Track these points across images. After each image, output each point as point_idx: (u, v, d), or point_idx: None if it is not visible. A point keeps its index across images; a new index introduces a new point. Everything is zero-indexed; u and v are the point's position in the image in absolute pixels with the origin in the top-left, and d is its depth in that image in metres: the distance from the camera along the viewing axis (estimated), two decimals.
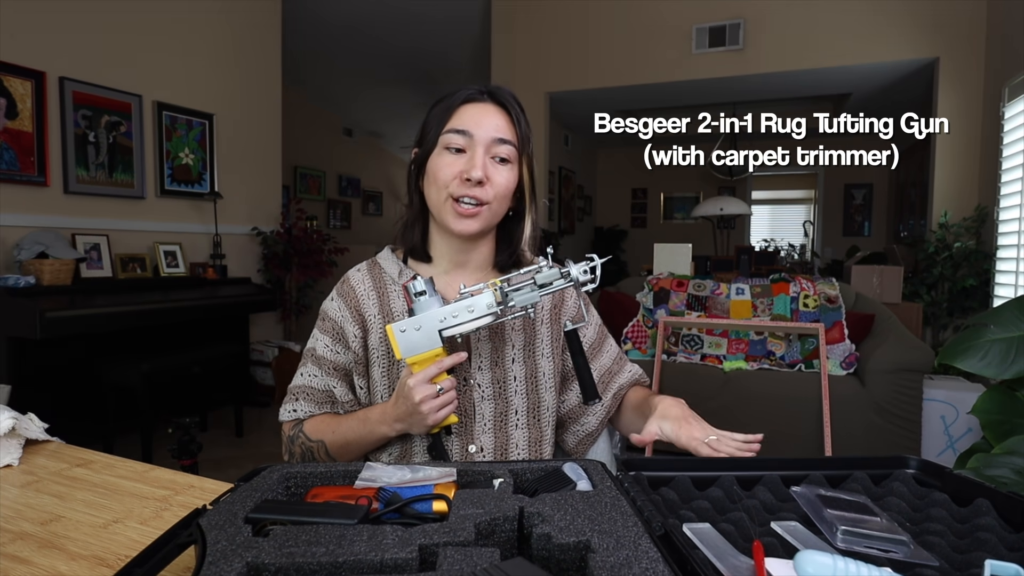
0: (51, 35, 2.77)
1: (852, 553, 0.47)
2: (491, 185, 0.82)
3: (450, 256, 0.89)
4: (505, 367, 0.87)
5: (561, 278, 0.75)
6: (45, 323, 2.33)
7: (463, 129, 0.82)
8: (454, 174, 0.81)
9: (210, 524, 0.47)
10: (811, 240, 7.16)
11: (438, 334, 0.76)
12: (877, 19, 3.96)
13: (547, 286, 0.75)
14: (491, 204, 0.83)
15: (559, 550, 0.45)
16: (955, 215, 3.66)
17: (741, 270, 4.47)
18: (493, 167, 0.83)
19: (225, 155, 3.66)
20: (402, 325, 0.76)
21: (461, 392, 0.85)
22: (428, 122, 0.86)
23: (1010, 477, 1.54)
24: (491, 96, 0.86)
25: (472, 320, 0.75)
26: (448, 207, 0.82)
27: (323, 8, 4.63)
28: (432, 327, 0.75)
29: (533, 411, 0.88)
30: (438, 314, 0.75)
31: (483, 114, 0.83)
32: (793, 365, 2.76)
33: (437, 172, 0.83)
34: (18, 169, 2.66)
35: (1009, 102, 3.10)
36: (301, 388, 0.90)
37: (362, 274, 0.92)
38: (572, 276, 0.74)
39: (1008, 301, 1.87)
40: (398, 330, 0.76)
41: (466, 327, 0.75)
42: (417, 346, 0.76)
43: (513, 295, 0.75)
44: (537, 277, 0.75)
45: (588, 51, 4.72)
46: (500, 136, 0.83)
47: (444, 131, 0.83)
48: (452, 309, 0.75)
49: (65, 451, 0.85)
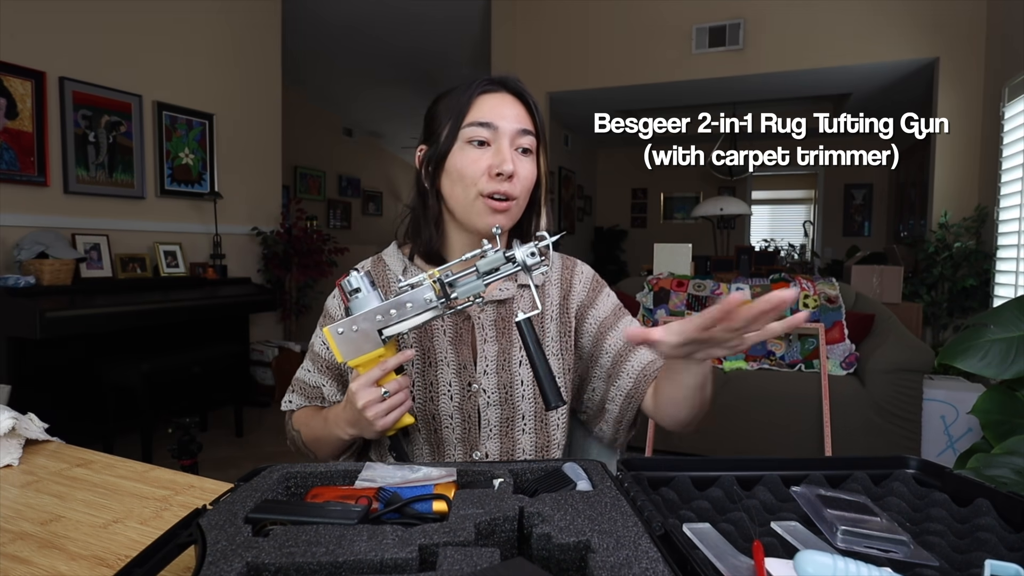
0: (51, 35, 2.77)
1: (852, 553, 0.47)
2: (518, 178, 0.79)
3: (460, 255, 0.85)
4: (512, 370, 0.83)
5: (507, 262, 0.67)
6: (45, 323, 2.33)
7: (487, 121, 0.78)
8: (482, 169, 0.78)
9: (210, 524, 0.47)
10: (811, 240, 7.16)
11: (378, 333, 0.70)
12: (877, 19, 3.96)
13: (492, 272, 0.68)
14: (519, 199, 0.80)
15: (559, 550, 0.45)
16: (955, 215, 3.66)
17: (741, 270, 4.46)
18: (518, 159, 0.79)
19: (225, 155, 3.66)
20: (339, 326, 0.70)
21: (466, 398, 0.81)
22: (437, 117, 0.82)
23: (1010, 477, 1.54)
24: (505, 86, 0.83)
25: (412, 316, 0.70)
26: (480, 205, 0.78)
27: (323, 8, 4.63)
28: (370, 326, 0.70)
29: (541, 416, 0.84)
30: (374, 312, 0.70)
31: (503, 105, 0.80)
32: (793, 365, 2.76)
33: (464, 169, 0.78)
34: (18, 169, 2.66)
35: (1009, 102, 3.10)
36: (297, 381, 0.91)
37: (364, 271, 0.90)
38: (518, 260, 0.66)
39: (1008, 301, 1.87)
40: (335, 332, 0.70)
41: (406, 324, 0.70)
42: (358, 348, 0.70)
43: (456, 286, 0.69)
44: (479, 264, 0.68)
45: (588, 51, 4.72)
46: (523, 127, 0.80)
47: (465, 124, 0.79)
48: (389, 305, 0.69)
49: (65, 451, 0.85)
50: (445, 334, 0.83)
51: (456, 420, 0.82)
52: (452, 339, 0.83)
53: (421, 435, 0.83)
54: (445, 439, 0.82)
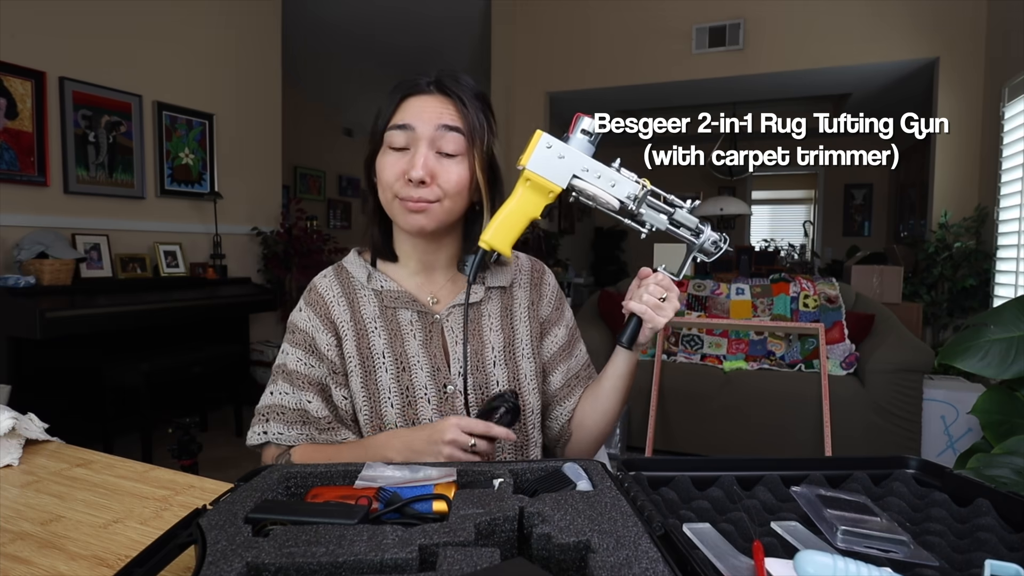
0: (51, 35, 2.77)
1: (852, 553, 0.47)
2: (439, 183, 0.76)
3: (416, 256, 0.85)
4: (486, 371, 0.83)
5: (691, 232, 0.73)
6: (45, 323, 2.33)
7: (404, 123, 0.77)
8: (396, 174, 0.77)
9: (210, 524, 0.46)
10: (811, 240, 7.16)
11: (569, 175, 0.71)
12: (877, 19, 3.96)
13: (676, 226, 0.72)
14: (442, 202, 0.77)
15: (559, 550, 0.45)
16: (955, 215, 3.66)
17: (741, 270, 4.47)
18: (439, 163, 0.77)
19: (225, 155, 3.66)
20: (552, 141, 0.71)
21: (443, 401, 0.81)
22: (377, 117, 0.82)
23: (1010, 477, 1.54)
24: (438, 86, 0.79)
25: (602, 191, 0.71)
26: (396, 206, 0.78)
27: (323, 8, 4.63)
28: (571, 166, 0.71)
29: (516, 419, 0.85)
30: (584, 160, 0.71)
31: (425, 105, 0.78)
32: (793, 365, 2.76)
33: (381, 172, 0.79)
34: (18, 169, 2.66)
35: (1009, 102, 3.10)
36: (271, 408, 0.83)
37: (328, 280, 0.87)
38: (699, 240, 0.72)
39: (1008, 301, 1.87)
40: (544, 143, 0.71)
41: (592, 191, 0.71)
42: (545, 168, 0.71)
43: (646, 206, 0.72)
44: (677, 212, 0.72)
45: (588, 51, 4.72)
46: (445, 123, 0.77)
47: (387, 127, 0.78)
48: (599, 168, 0.71)
49: (65, 451, 0.85)
50: (415, 337, 0.82)
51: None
52: (423, 342, 0.82)
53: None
54: None
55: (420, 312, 0.84)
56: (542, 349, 0.91)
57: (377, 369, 0.81)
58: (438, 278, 0.87)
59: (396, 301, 0.84)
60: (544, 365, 0.91)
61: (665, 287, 0.78)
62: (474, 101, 0.80)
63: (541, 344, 0.91)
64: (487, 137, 0.80)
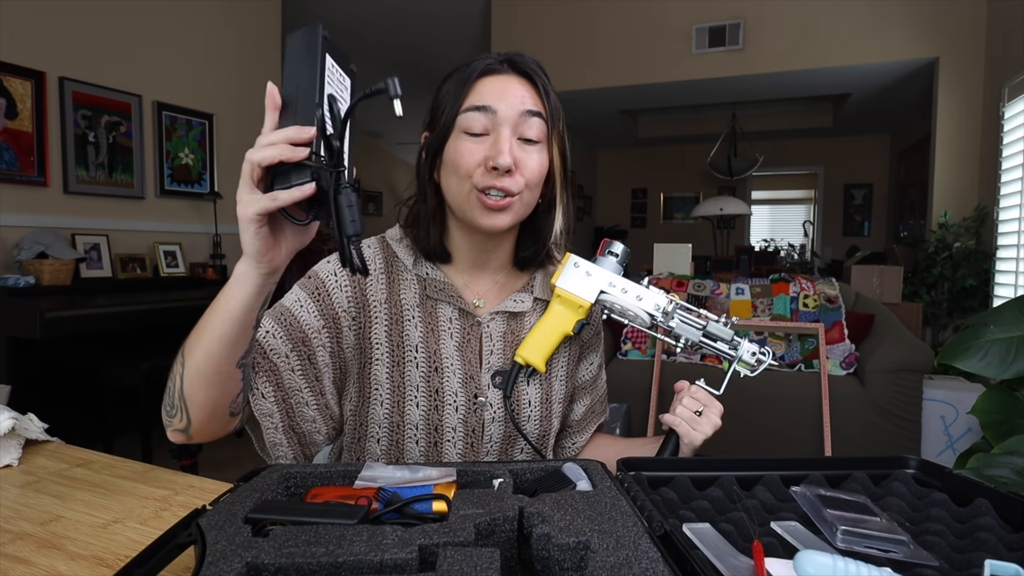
0: (51, 35, 2.77)
1: (852, 553, 0.47)
2: (521, 172, 0.70)
3: (470, 255, 0.79)
4: (519, 388, 0.78)
5: (727, 345, 0.74)
6: (45, 323, 2.33)
7: (484, 105, 0.69)
8: (477, 161, 0.69)
9: (210, 524, 0.46)
10: (811, 240, 7.16)
11: (597, 290, 0.75)
12: (877, 19, 3.96)
13: (710, 339, 0.74)
14: (522, 194, 0.71)
15: (559, 550, 0.45)
16: (955, 215, 3.66)
17: (741, 270, 4.46)
18: (522, 150, 0.70)
19: (225, 155, 3.66)
20: (579, 261, 0.76)
21: (471, 411, 0.75)
22: (439, 100, 0.73)
23: (1010, 477, 1.54)
24: (512, 65, 0.72)
25: (631, 306, 0.74)
26: (474, 201, 0.70)
27: (323, 8, 4.63)
28: (598, 282, 0.76)
29: (541, 440, 0.81)
30: (611, 277, 0.75)
31: (506, 86, 0.70)
32: (793, 365, 2.76)
33: (457, 160, 0.70)
34: (18, 169, 2.66)
35: (1009, 102, 3.10)
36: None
37: (374, 251, 0.79)
38: (738, 353, 0.74)
39: (1008, 301, 1.87)
40: (572, 262, 0.76)
41: (620, 304, 0.75)
42: (574, 284, 0.76)
43: (678, 320, 0.73)
44: (711, 324, 0.74)
45: (588, 51, 4.72)
46: (528, 108, 0.70)
47: (461, 110, 0.70)
48: (625, 283, 0.75)
49: (65, 451, 0.85)
50: (452, 337, 0.77)
51: (459, 433, 0.76)
52: (459, 344, 0.77)
53: (420, 446, 0.77)
54: (445, 452, 0.77)
55: (462, 311, 0.78)
56: (577, 373, 0.88)
57: (407, 363, 0.75)
58: (485, 279, 0.81)
59: (440, 293, 0.77)
60: (573, 390, 0.88)
61: (701, 400, 0.76)
62: (548, 83, 0.74)
63: (577, 368, 0.88)
64: (562, 124, 0.75)
